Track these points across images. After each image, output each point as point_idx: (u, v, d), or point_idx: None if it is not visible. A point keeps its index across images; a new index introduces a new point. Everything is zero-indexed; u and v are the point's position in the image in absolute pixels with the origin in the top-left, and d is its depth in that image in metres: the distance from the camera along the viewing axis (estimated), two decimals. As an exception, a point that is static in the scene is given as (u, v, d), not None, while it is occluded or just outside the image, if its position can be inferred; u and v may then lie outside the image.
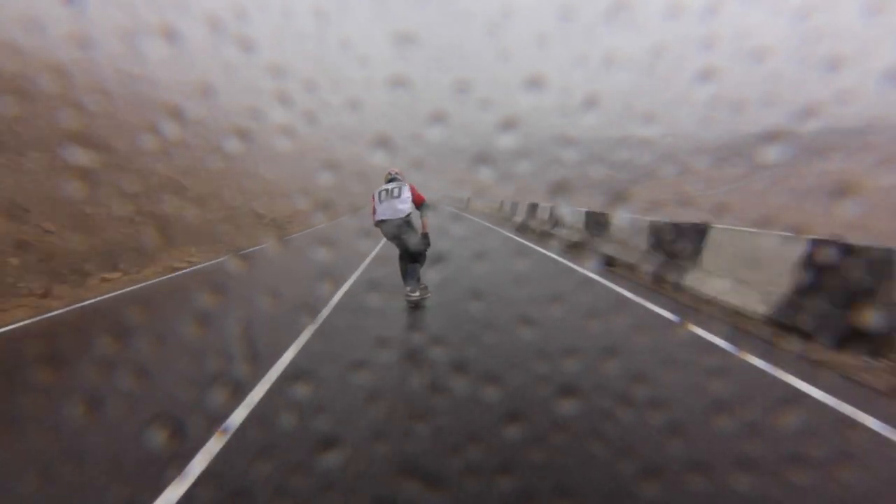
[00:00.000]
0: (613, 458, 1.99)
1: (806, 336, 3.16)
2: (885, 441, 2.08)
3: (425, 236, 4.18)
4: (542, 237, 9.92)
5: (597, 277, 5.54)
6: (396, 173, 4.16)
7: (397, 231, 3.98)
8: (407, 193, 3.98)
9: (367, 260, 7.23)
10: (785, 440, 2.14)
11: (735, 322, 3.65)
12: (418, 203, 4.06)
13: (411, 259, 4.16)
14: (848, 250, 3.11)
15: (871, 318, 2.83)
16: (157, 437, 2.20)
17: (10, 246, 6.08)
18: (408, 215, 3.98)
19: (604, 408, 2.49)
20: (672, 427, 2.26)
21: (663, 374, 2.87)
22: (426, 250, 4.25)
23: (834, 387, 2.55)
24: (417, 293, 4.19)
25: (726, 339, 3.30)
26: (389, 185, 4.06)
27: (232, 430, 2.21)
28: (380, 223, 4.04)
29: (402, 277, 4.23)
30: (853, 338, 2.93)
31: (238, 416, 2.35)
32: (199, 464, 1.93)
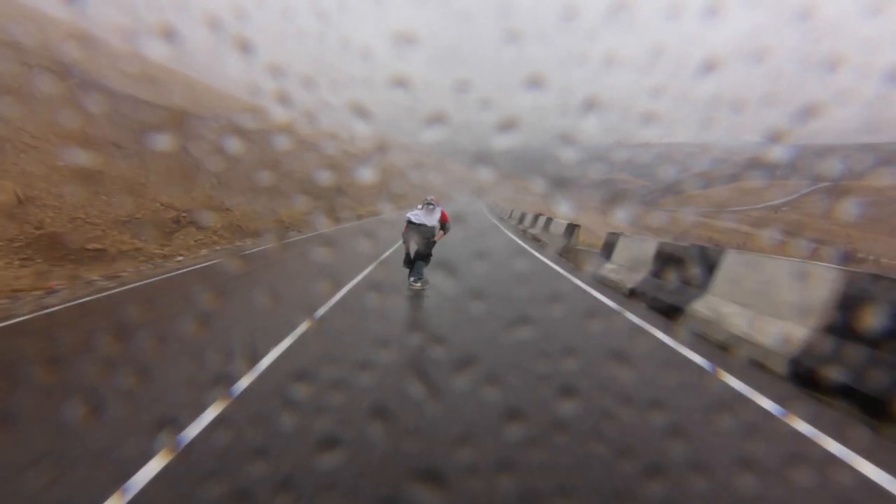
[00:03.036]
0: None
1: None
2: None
3: (433, 243, 5.26)
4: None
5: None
6: (432, 199, 5.30)
7: (416, 235, 5.07)
8: (438, 215, 5.22)
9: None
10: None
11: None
12: (444, 221, 5.28)
13: (419, 258, 5.15)
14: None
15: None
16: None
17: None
18: (431, 229, 5.17)
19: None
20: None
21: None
22: (429, 255, 5.28)
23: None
24: (419, 284, 5.14)
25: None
26: (429, 207, 5.23)
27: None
28: (410, 223, 5.18)
29: (409, 270, 5.24)
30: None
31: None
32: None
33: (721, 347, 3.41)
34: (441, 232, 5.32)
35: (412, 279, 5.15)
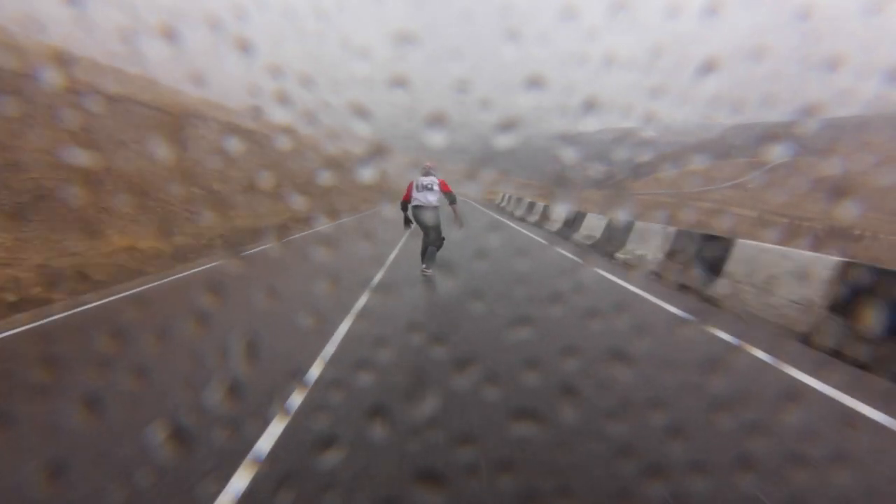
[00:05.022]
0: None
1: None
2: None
3: (459, 221, 5.16)
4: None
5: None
6: (431, 167, 5.02)
7: (426, 216, 4.91)
8: (437, 188, 4.89)
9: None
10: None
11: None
12: (447, 193, 4.97)
13: (431, 243, 5.09)
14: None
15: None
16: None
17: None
18: (436, 207, 4.95)
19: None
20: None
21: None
22: (442, 239, 5.13)
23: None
24: (431, 271, 5.13)
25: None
26: (426, 180, 4.91)
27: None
28: (414, 207, 4.96)
29: (421, 257, 5.17)
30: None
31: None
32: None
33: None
34: (454, 207, 5.07)
35: (423, 266, 5.16)
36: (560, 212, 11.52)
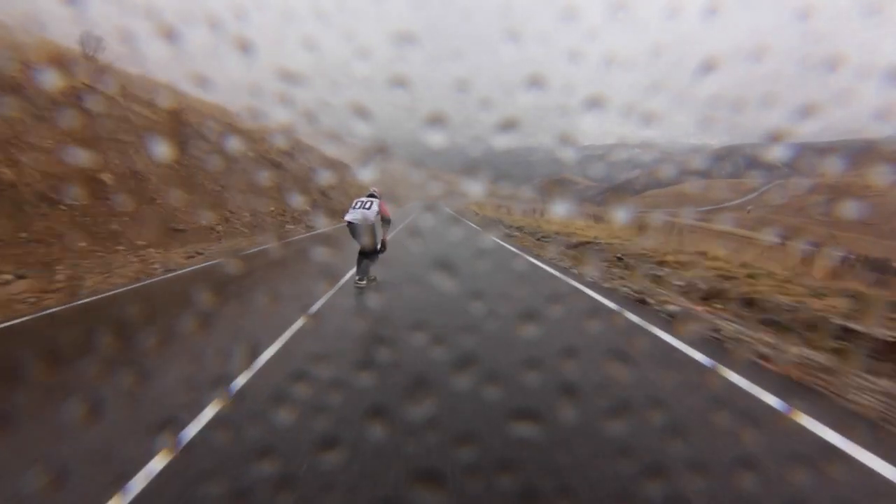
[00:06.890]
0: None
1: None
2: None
3: (383, 243, 5.48)
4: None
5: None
6: (375, 190, 5.44)
7: (358, 231, 5.22)
8: (376, 209, 5.20)
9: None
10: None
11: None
12: (384, 216, 5.28)
13: (365, 257, 5.37)
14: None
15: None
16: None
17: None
18: (371, 223, 5.24)
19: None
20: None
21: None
22: (379, 253, 5.49)
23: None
24: (364, 282, 5.38)
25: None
26: (364, 199, 5.29)
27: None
28: (348, 223, 5.27)
29: (356, 269, 5.47)
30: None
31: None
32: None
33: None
34: (386, 228, 5.39)
35: (356, 277, 5.40)
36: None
